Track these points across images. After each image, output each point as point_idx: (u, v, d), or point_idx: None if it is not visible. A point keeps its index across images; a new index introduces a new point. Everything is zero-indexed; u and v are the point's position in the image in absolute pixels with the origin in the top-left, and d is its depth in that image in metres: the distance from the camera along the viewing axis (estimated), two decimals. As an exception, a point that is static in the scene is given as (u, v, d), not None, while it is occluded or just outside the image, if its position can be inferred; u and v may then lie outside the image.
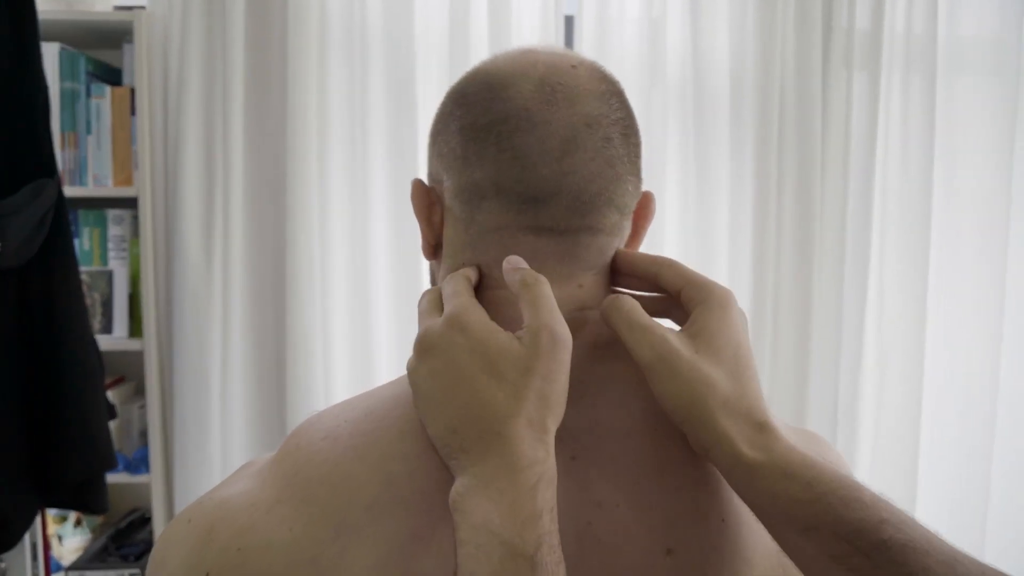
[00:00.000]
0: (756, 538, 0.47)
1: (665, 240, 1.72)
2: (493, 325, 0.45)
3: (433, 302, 0.50)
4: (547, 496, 0.42)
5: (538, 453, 0.42)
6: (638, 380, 0.48)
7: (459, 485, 0.42)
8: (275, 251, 1.71)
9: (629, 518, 0.46)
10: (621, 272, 0.53)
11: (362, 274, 1.72)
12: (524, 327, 0.45)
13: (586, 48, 1.71)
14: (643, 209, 0.55)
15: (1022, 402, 1.78)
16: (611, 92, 0.51)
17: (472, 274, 0.50)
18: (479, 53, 1.64)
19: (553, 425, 0.44)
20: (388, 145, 1.70)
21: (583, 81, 0.50)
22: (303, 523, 0.44)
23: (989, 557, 1.62)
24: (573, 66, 0.51)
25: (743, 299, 1.75)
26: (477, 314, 0.46)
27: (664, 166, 1.71)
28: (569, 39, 1.75)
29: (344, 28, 1.69)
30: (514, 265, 0.48)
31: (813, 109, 1.73)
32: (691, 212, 1.74)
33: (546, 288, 0.46)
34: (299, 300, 1.66)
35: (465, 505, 0.41)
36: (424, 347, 0.46)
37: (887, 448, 1.76)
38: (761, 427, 0.46)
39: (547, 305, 0.45)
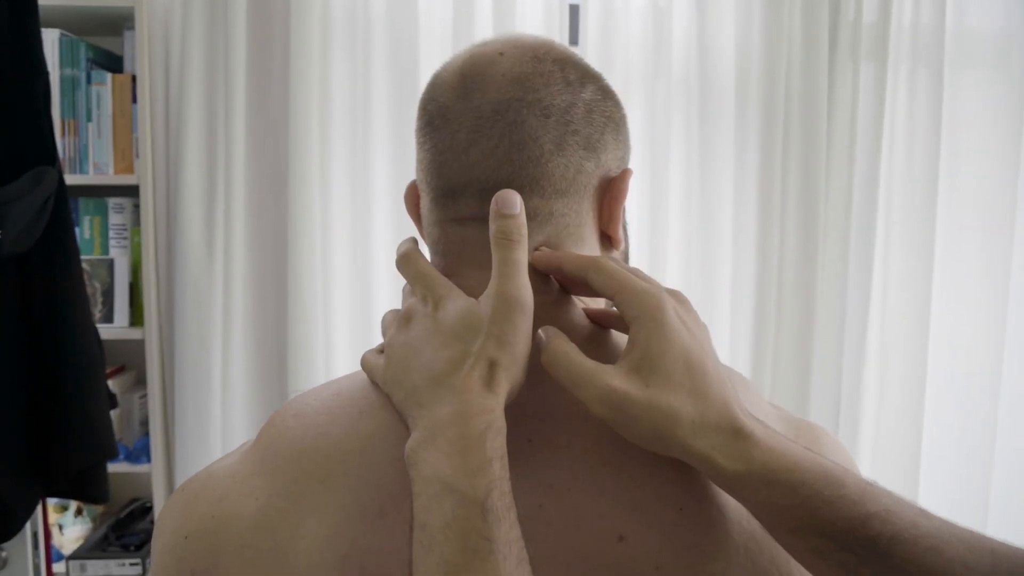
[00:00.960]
0: (718, 530, 0.46)
1: (668, 233, 1.71)
2: (459, 293, 0.47)
3: (405, 289, 0.52)
4: (496, 444, 0.42)
5: (487, 402, 0.43)
6: None
7: (412, 440, 0.43)
8: (277, 240, 1.70)
9: (581, 502, 0.46)
10: (551, 275, 0.51)
11: (364, 263, 1.71)
12: (487, 291, 0.46)
13: (591, 38, 1.70)
14: (608, 190, 0.52)
15: (1024, 397, 1.78)
16: (538, 72, 0.50)
17: (413, 246, 0.53)
18: (483, 42, 1.63)
19: (506, 383, 0.44)
20: (390, 134, 1.69)
21: (502, 68, 0.50)
22: (267, 495, 0.47)
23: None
24: (501, 53, 0.51)
25: (747, 292, 1.76)
26: (451, 288, 0.48)
27: (668, 157, 1.70)
28: (574, 29, 1.74)
29: (347, 15, 1.67)
30: (499, 207, 0.47)
31: (819, 101, 1.72)
32: (695, 204, 1.73)
33: (516, 252, 0.46)
34: (301, 289, 1.66)
35: (417, 458, 0.42)
36: (404, 320, 0.49)
37: (889, 443, 1.76)
38: (736, 434, 0.44)
39: (511, 270, 0.46)
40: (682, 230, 1.73)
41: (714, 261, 1.74)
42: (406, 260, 0.51)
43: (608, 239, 0.54)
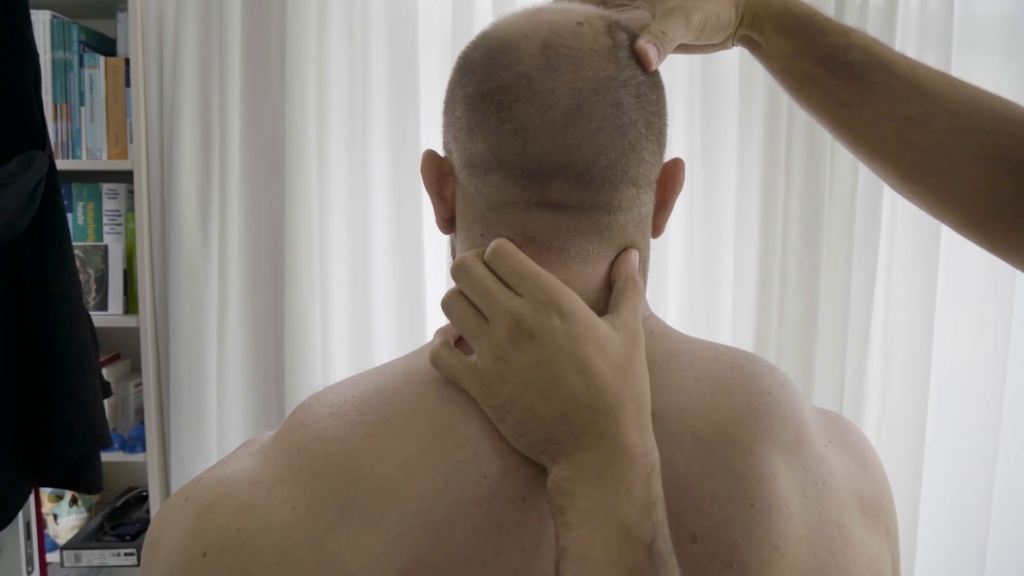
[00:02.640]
0: (786, 523, 0.45)
1: (671, 225, 1.66)
2: (585, 307, 0.44)
3: (486, 279, 0.45)
4: (658, 487, 0.42)
5: (647, 443, 0.42)
6: (691, 356, 0.49)
7: (565, 471, 0.41)
8: (273, 226, 1.67)
9: None
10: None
11: (362, 250, 1.68)
12: (615, 315, 0.46)
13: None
14: (668, 179, 0.51)
15: (1030, 388, 1.76)
16: (620, 47, 0.47)
17: (507, 241, 0.46)
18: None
19: (650, 415, 0.44)
20: (389, 117, 1.66)
21: (588, 40, 0.46)
22: (307, 503, 0.42)
23: (993, 541, 1.60)
24: (579, 23, 0.47)
25: (750, 285, 1.73)
26: (573, 297, 0.44)
27: (671, 150, 1.66)
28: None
29: (344, -2, 1.64)
30: (628, 264, 0.48)
31: (824, 88, 1.69)
32: (697, 196, 1.71)
33: (640, 292, 0.48)
34: (298, 276, 1.63)
35: (573, 489, 0.40)
36: (523, 334, 0.43)
37: (892, 436, 1.74)
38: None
39: (639, 310, 0.47)
40: (685, 223, 1.70)
41: (717, 254, 1.72)
42: (503, 256, 0.45)
43: (653, 228, 0.53)
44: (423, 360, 0.48)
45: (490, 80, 0.46)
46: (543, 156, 0.45)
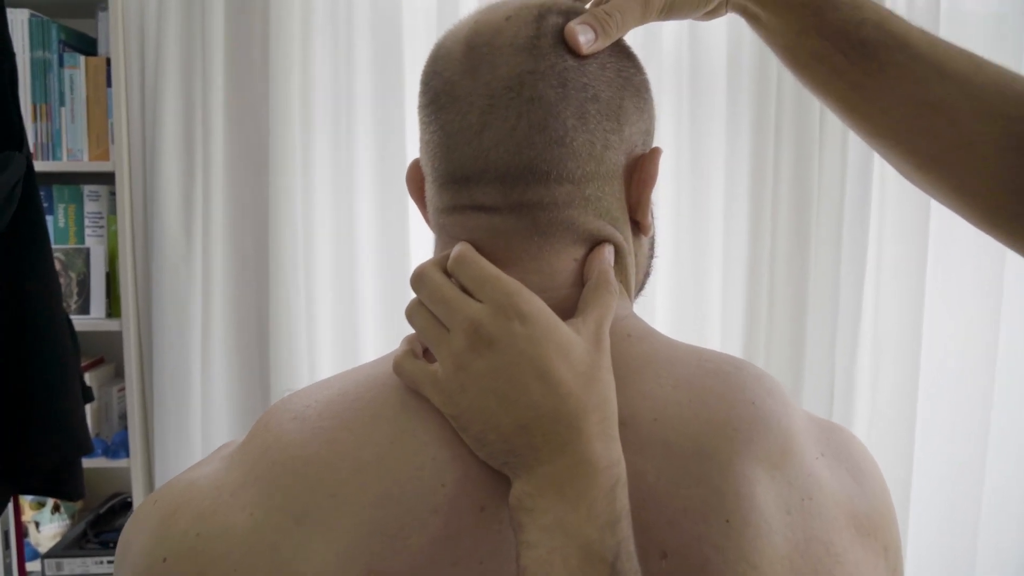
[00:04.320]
0: (764, 541, 0.43)
1: (658, 223, 1.67)
2: (552, 312, 0.43)
3: (443, 287, 0.44)
4: (623, 501, 0.40)
5: (612, 454, 0.41)
6: (670, 361, 0.47)
7: (525, 485, 0.40)
8: (257, 228, 1.65)
9: None
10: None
11: (347, 251, 1.67)
12: (580, 319, 0.44)
13: (580, 21, 1.65)
14: (637, 172, 0.48)
15: (1019, 386, 1.76)
16: (543, 33, 0.44)
17: (468, 246, 0.46)
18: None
19: (616, 424, 0.42)
20: (374, 118, 1.64)
21: (508, 36, 0.44)
22: (265, 509, 0.41)
23: (983, 542, 1.59)
24: (507, 17, 0.45)
25: (738, 284, 1.73)
26: (535, 301, 0.43)
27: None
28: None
29: (329, -3, 1.62)
30: (601, 262, 0.46)
31: (811, 94, 1.69)
32: (685, 194, 1.70)
33: (614, 298, 0.45)
34: (282, 277, 1.61)
35: (534, 504, 0.39)
36: (482, 341, 0.41)
37: (882, 436, 1.74)
38: None
39: (608, 312, 0.45)
40: (672, 221, 1.69)
41: (705, 252, 1.71)
42: (464, 262, 0.44)
43: (636, 225, 0.50)
44: (389, 366, 0.47)
45: (428, 90, 0.47)
46: (464, 162, 0.45)
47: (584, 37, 0.44)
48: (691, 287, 1.71)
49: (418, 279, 0.45)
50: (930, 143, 0.48)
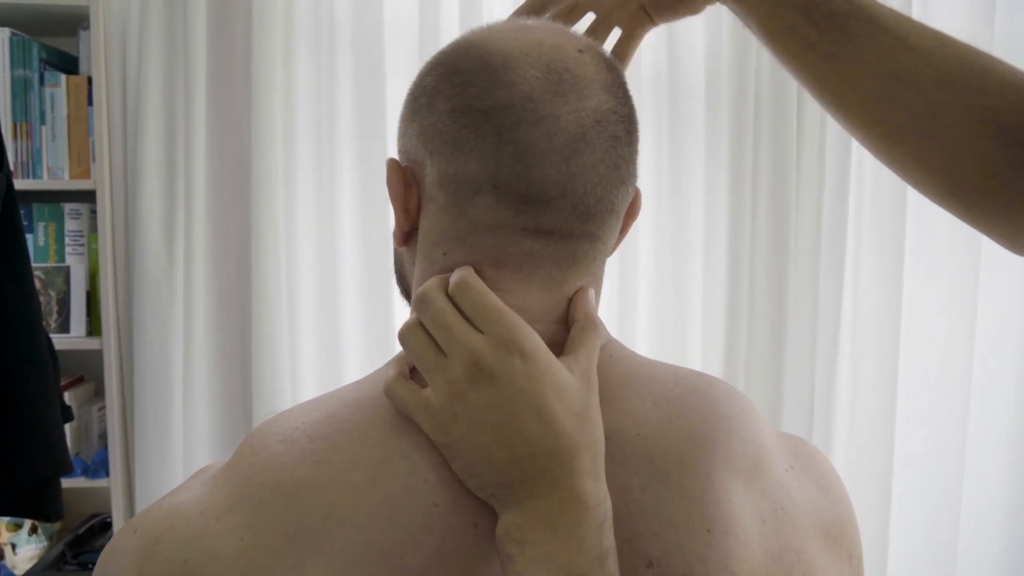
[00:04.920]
0: (743, 549, 0.45)
1: (639, 236, 1.69)
2: (546, 349, 0.44)
3: (447, 313, 0.44)
4: (610, 539, 0.41)
5: (600, 492, 0.42)
6: (649, 379, 0.49)
7: (515, 517, 0.41)
8: (239, 246, 1.65)
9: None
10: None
11: (330, 268, 1.67)
12: (572, 357, 0.45)
13: (560, 39, 1.67)
14: (632, 208, 0.51)
15: (995, 397, 1.78)
16: (616, 82, 0.48)
17: (472, 272, 0.46)
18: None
19: (603, 464, 0.43)
20: (356, 135, 1.65)
21: (591, 70, 0.46)
22: (254, 532, 0.41)
23: (963, 547, 1.60)
24: (580, 51, 0.46)
25: (718, 295, 1.75)
26: (535, 338, 0.43)
27: (638, 161, 1.68)
28: (543, 30, 1.72)
29: (311, 13, 1.63)
30: (586, 304, 0.48)
31: (789, 105, 1.72)
32: (665, 208, 1.72)
33: (599, 334, 0.47)
34: (265, 297, 1.61)
35: (526, 536, 0.40)
36: (482, 374, 0.42)
37: (862, 446, 1.76)
38: None
39: (596, 352, 0.46)
40: (653, 232, 1.71)
41: (686, 265, 1.73)
42: (467, 289, 0.44)
43: None
44: (376, 386, 0.47)
45: (487, 96, 0.44)
46: (545, 183, 0.44)
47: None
48: (672, 297, 1.73)
49: (421, 301, 0.45)
50: (895, 112, 0.50)
